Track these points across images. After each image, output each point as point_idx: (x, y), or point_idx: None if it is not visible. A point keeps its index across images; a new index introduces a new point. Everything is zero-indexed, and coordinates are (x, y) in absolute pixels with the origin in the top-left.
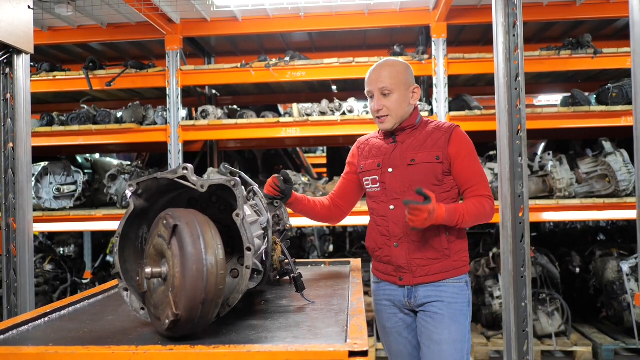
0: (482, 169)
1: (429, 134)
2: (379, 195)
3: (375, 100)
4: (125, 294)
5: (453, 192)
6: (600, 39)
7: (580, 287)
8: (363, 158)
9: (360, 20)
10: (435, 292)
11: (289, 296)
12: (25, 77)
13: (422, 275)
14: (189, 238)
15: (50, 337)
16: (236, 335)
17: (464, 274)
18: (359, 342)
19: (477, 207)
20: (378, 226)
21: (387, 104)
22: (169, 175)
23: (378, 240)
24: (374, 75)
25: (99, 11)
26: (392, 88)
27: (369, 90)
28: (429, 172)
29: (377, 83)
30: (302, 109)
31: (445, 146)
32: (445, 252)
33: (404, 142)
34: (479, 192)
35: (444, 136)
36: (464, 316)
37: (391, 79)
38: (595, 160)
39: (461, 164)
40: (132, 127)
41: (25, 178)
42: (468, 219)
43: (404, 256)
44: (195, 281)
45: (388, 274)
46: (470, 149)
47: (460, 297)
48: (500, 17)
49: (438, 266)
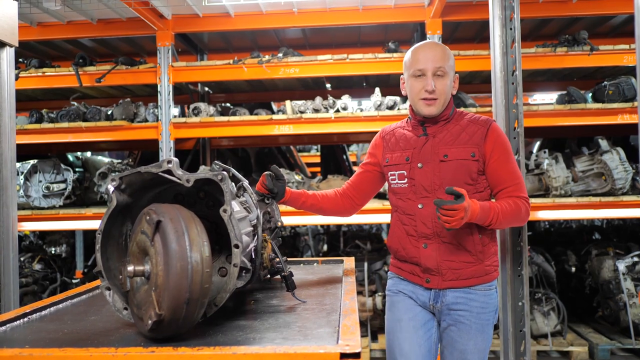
0: (518, 169)
1: (463, 127)
2: (405, 192)
3: (429, 80)
4: (108, 294)
5: (486, 193)
6: (597, 36)
7: (576, 287)
8: (389, 150)
9: (355, 17)
10: (464, 299)
11: (280, 295)
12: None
13: (452, 279)
14: (172, 234)
15: (28, 338)
16: (223, 336)
17: (494, 279)
18: (351, 343)
19: (513, 207)
20: (404, 225)
21: (439, 87)
22: (154, 169)
23: (403, 240)
24: (430, 53)
25: (89, 6)
26: (446, 70)
27: (422, 68)
28: (463, 169)
29: (434, 62)
30: (296, 106)
31: (482, 142)
32: (479, 255)
33: (436, 136)
34: (515, 194)
35: (479, 131)
36: (490, 326)
37: (447, 60)
38: (592, 158)
39: (497, 163)
40: (123, 125)
41: (10, 174)
42: (502, 219)
43: (434, 258)
44: (179, 280)
45: (414, 274)
46: (507, 146)
47: (489, 306)
48: (497, 10)
49: (470, 270)
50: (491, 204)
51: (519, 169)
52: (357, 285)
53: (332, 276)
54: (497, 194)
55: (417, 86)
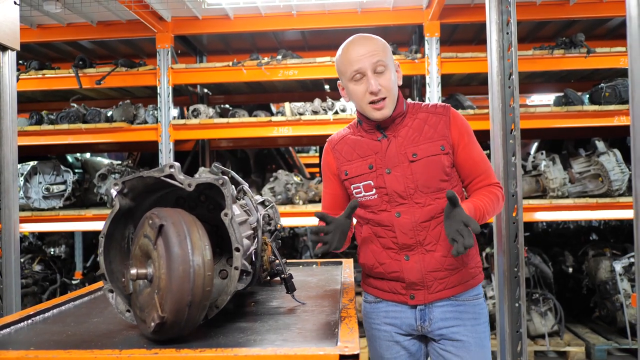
0: (484, 154)
1: (423, 120)
2: (377, 204)
3: (371, 80)
4: (111, 296)
5: (459, 187)
6: (593, 38)
7: (573, 287)
8: (345, 161)
9: (353, 19)
10: (454, 313)
11: (280, 297)
12: (11, 74)
13: (439, 290)
14: (175, 238)
15: (32, 340)
16: (224, 338)
17: (480, 283)
18: (350, 345)
19: (492, 199)
20: (379, 238)
21: (383, 83)
22: (156, 173)
23: (379, 255)
24: (362, 48)
25: (89, 8)
26: (386, 63)
27: (359, 68)
28: (436, 166)
29: (370, 57)
30: (295, 108)
31: (447, 132)
32: (463, 258)
33: (398, 135)
34: (488, 182)
35: (442, 120)
36: (487, 338)
37: (384, 52)
38: (588, 159)
39: (464, 152)
40: (123, 126)
41: (11, 177)
42: (486, 215)
43: (418, 270)
44: (181, 283)
45: (394, 292)
46: (469, 130)
47: (481, 316)
48: (494, 15)
49: (456, 277)
50: (474, 203)
51: (484, 153)
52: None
53: (331, 278)
54: (468, 185)
55: (360, 90)
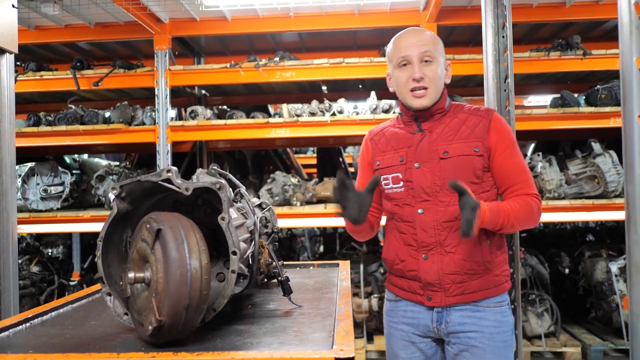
0: (525, 163)
1: (462, 120)
2: (402, 197)
3: (415, 67)
4: (109, 299)
5: (492, 193)
6: (590, 40)
7: (569, 288)
8: (379, 152)
9: (351, 21)
10: (473, 319)
11: (277, 300)
12: (10, 77)
13: (457, 294)
14: (172, 242)
15: (31, 343)
16: (221, 341)
17: (505, 291)
18: (345, 348)
19: (524, 207)
20: (402, 234)
21: (428, 74)
22: (153, 177)
23: (400, 251)
24: (413, 38)
25: (87, 10)
26: (434, 55)
27: (405, 55)
28: (466, 167)
29: (419, 46)
30: (292, 109)
31: (485, 135)
32: (486, 264)
33: (433, 131)
34: (525, 191)
35: (481, 123)
36: (508, 348)
37: (434, 45)
38: (585, 161)
39: (502, 157)
40: (120, 128)
41: (10, 179)
42: (514, 222)
43: (435, 271)
44: (178, 286)
45: (412, 292)
46: (511, 137)
47: (504, 324)
48: (490, 19)
49: (477, 282)
50: (500, 204)
51: (525, 162)
52: (353, 287)
53: (328, 280)
54: (504, 193)
55: (403, 77)
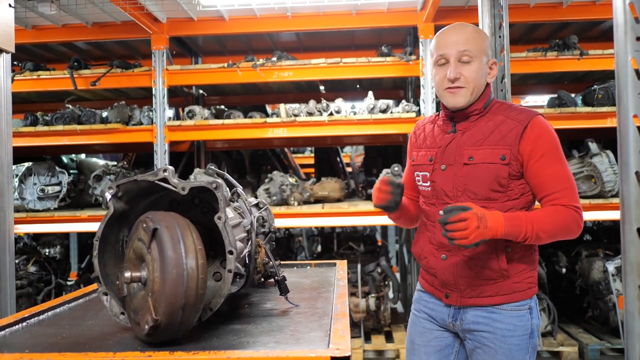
0: (568, 172)
1: (497, 124)
2: (429, 196)
3: (452, 66)
4: (105, 299)
5: (523, 200)
6: (587, 40)
7: (566, 287)
8: (416, 147)
9: (348, 21)
10: (487, 319)
11: (274, 299)
12: (6, 76)
13: (473, 297)
14: (168, 242)
15: (27, 343)
16: (217, 340)
17: (528, 298)
18: (341, 347)
19: (555, 217)
20: (427, 231)
21: (465, 73)
22: (150, 177)
23: (425, 248)
24: (453, 36)
25: (84, 10)
26: (474, 54)
27: (443, 54)
28: (490, 175)
29: (457, 45)
30: (290, 109)
31: (516, 142)
32: (502, 272)
33: (465, 133)
34: (561, 202)
35: (516, 128)
36: (522, 351)
37: (475, 43)
38: (581, 161)
39: (536, 166)
40: (118, 127)
41: (6, 179)
42: (541, 233)
43: (451, 272)
44: (175, 286)
45: (434, 287)
46: (551, 144)
47: (519, 328)
48: (487, 19)
49: (494, 287)
50: (520, 213)
51: (568, 172)
52: (351, 287)
53: (325, 279)
54: (541, 202)
55: (440, 75)
